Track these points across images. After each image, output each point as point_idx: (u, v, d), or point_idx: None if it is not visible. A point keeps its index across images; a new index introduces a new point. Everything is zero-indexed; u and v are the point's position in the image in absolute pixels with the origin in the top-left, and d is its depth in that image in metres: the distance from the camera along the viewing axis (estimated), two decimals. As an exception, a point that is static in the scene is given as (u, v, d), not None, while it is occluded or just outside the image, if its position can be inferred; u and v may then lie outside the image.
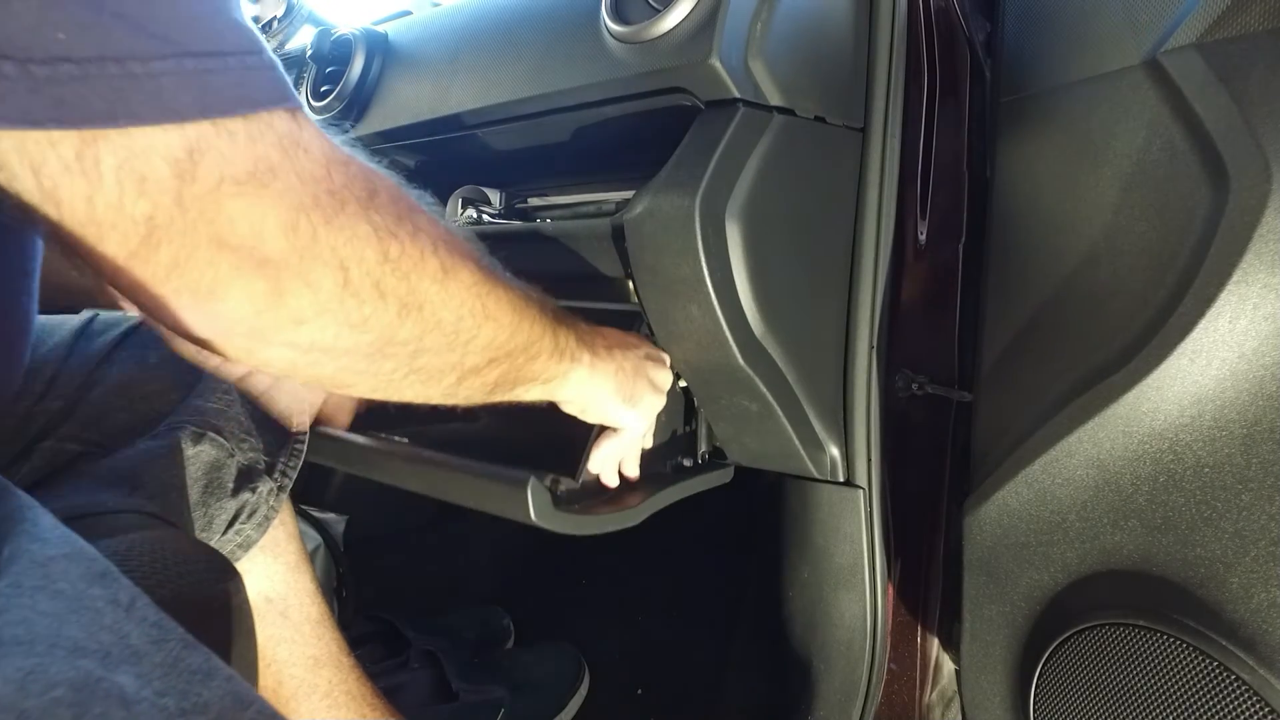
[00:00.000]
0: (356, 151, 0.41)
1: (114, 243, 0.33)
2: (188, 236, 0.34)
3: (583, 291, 0.86)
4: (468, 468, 0.68)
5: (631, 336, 0.69)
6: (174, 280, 0.35)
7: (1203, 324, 0.55)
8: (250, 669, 0.58)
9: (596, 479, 0.71)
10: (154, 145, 0.31)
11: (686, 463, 0.80)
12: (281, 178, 0.35)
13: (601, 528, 0.69)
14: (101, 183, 0.31)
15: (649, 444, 0.74)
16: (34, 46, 0.28)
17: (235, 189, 0.34)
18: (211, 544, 0.65)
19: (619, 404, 0.64)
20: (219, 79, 0.32)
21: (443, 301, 0.44)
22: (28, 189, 0.31)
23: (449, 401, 0.51)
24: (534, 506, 0.63)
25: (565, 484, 0.68)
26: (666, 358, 0.71)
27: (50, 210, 0.31)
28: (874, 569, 0.79)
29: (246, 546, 0.68)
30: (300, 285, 0.37)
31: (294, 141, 0.36)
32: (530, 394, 0.57)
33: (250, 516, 0.68)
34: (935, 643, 0.86)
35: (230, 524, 0.67)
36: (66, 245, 0.33)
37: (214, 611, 0.55)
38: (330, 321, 0.39)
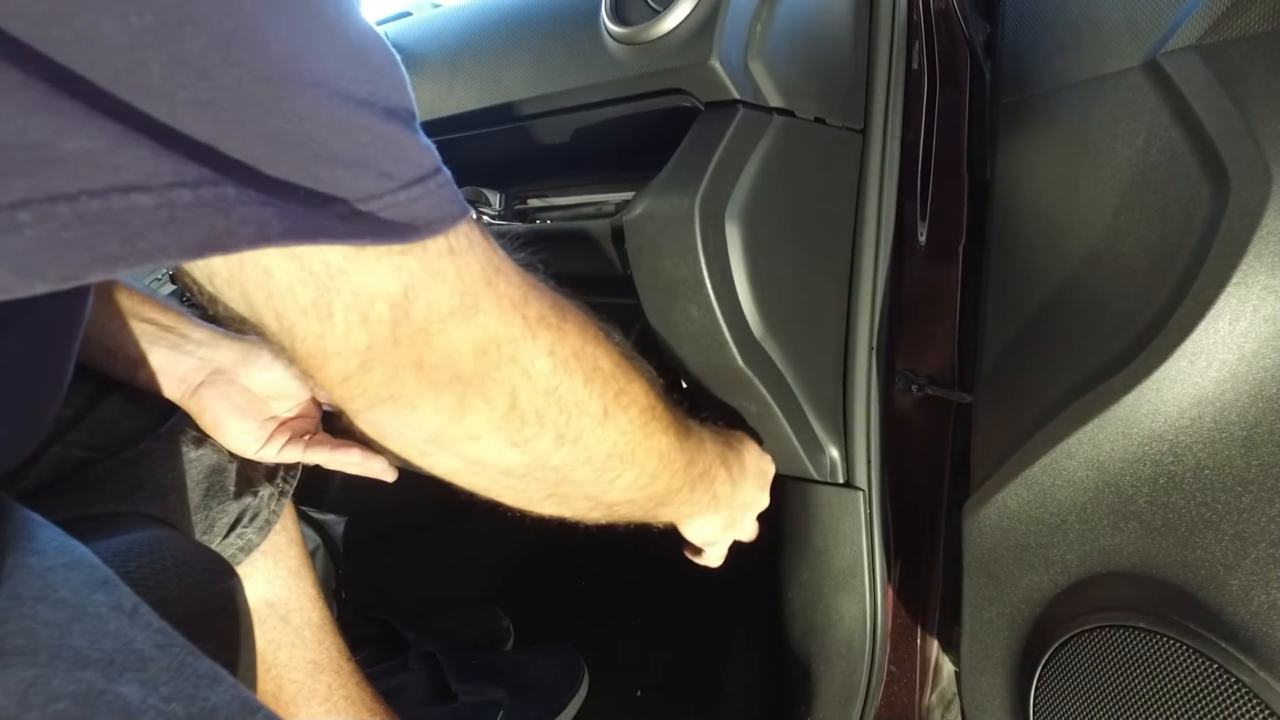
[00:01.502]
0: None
1: (335, 368, 0.37)
2: (396, 361, 0.38)
3: (584, 294, 0.86)
4: None
5: (752, 458, 0.71)
6: (379, 394, 0.39)
7: (1203, 326, 0.55)
8: (250, 671, 0.58)
9: None
10: (376, 290, 0.35)
11: None
12: (484, 310, 0.39)
13: None
14: (331, 322, 0.35)
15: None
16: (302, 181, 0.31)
17: (442, 323, 0.38)
18: (213, 547, 0.65)
19: (721, 538, 0.69)
20: (423, 204, 0.35)
21: (596, 440, 0.47)
22: (268, 326, 0.36)
23: (575, 520, 0.55)
24: None
25: None
26: (771, 472, 0.73)
27: (285, 341, 0.37)
28: (874, 570, 0.79)
29: (248, 550, 0.68)
30: (481, 403, 0.41)
31: (494, 268, 0.40)
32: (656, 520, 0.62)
33: (252, 520, 0.68)
34: (935, 644, 0.86)
35: (232, 527, 0.67)
36: (297, 365, 0.38)
37: (214, 613, 0.55)
38: (498, 439, 0.43)
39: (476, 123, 0.83)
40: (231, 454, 0.68)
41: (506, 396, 0.42)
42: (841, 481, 0.78)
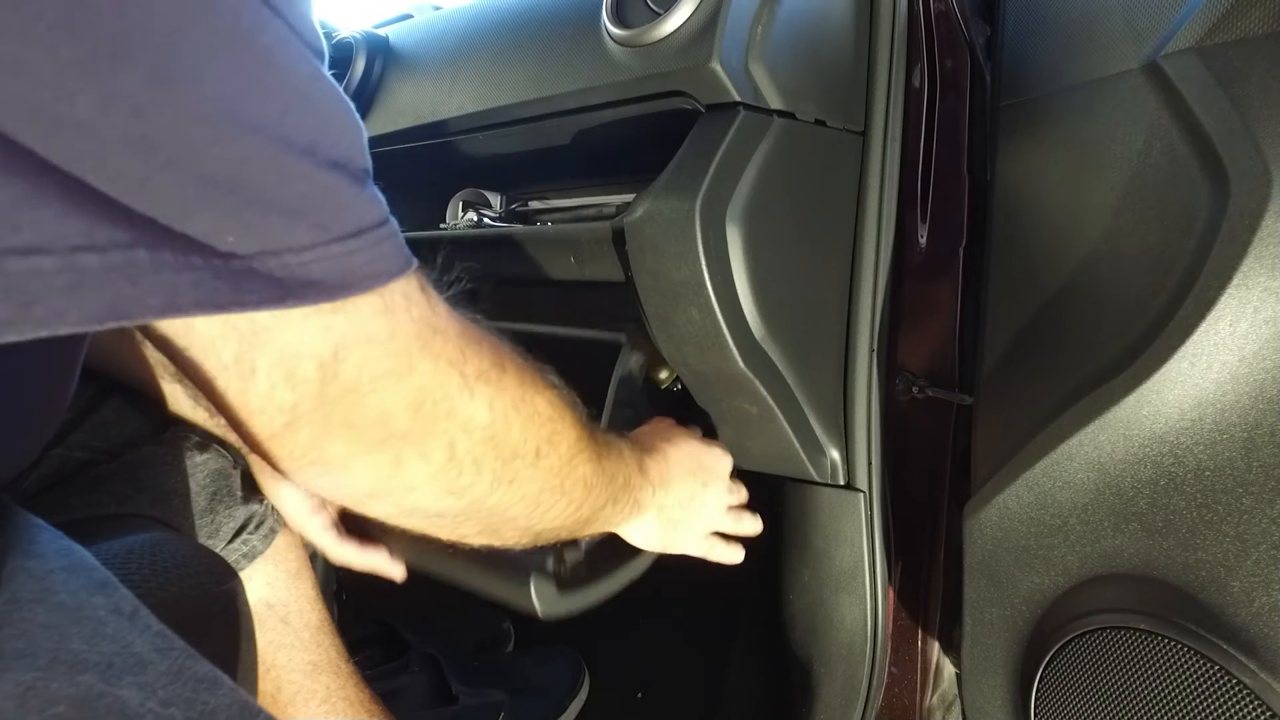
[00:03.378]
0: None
1: (259, 425, 0.36)
2: (324, 422, 0.37)
3: (584, 295, 0.86)
4: (474, 554, 0.69)
5: (680, 454, 0.70)
6: (308, 456, 0.38)
7: (1203, 327, 0.55)
8: (250, 672, 0.58)
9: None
10: (303, 349, 0.34)
11: None
12: (419, 370, 0.38)
13: (609, 592, 0.71)
14: (254, 378, 0.34)
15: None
16: (213, 241, 0.29)
17: (373, 384, 0.37)
18: (218, 552, 0.65)
19: (676, 538, 0.69)
20: (358, 258, 0.34)
21: (530, 479, 0.48)
22: (189, 376, 0.35)
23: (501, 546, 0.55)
24: (539, 601, 0.65)
25: (570, 555, 0.69)
26: (714, 461, 0.72)
27: (206, 392, 0.35)
28: (874, 572, 0.79)
29: (251, 557, 0.68)
30: (417, 457, 0.41)
31: (431, 328, 0.39)
32: (611, 524, 0.63)
33: (257, 527, 0.69)
34: (936, 646, 0.86)
35: (237, 533, 0.67)
36: (222, 414, 0.37)
37: (215, 614, 0.55)
38: (435, 489, 0.43)
39: (477, 125, 0.83)
40: (235, 459, 0.68)
41: (444, 450, 0.42)
42: (842, 483, 0.77)
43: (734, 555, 0.74)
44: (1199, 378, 0.56)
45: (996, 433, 0.70)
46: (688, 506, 0.68)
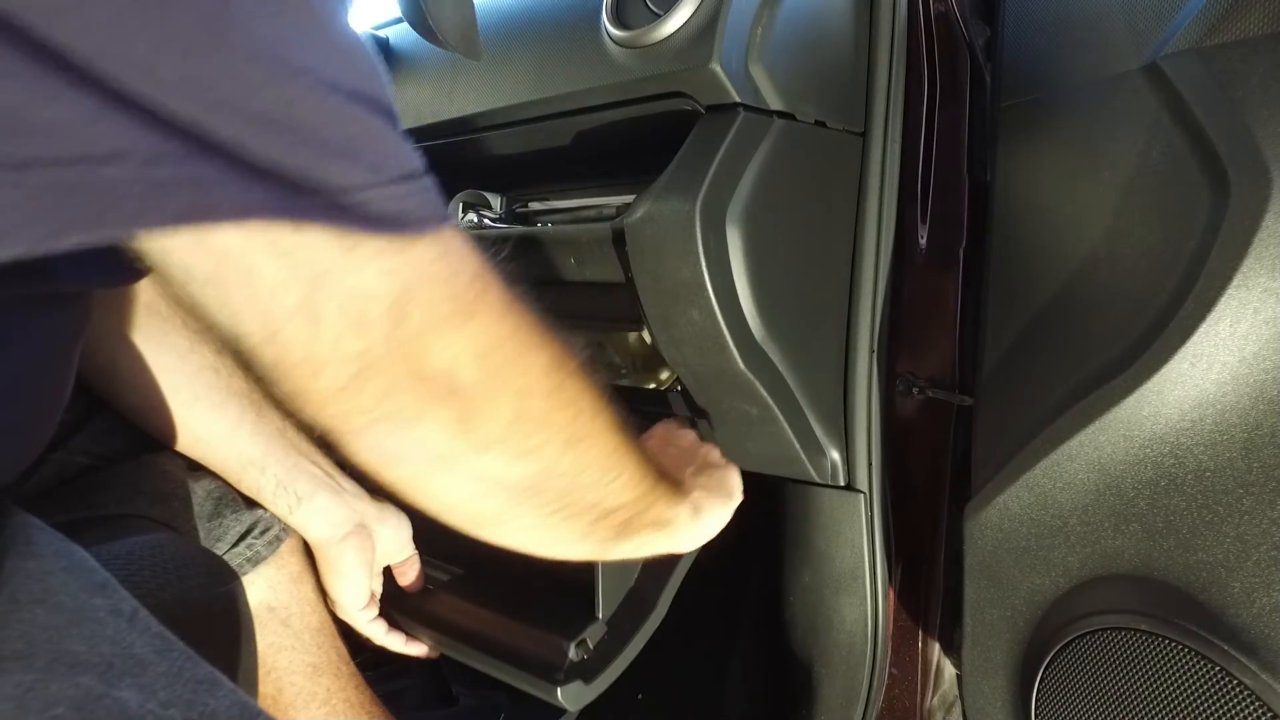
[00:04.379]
0: None
1: (327, 378, 0.35)
2: (393, 370, 0.36)
3: (584, 297, 0.86)
4: (504, 653, 0.72)
5: (664, 437, 0.70)
6: (377, 410, 0.37)
7: (1203, 328, 0.55)
8: (251, 673, 0.58)
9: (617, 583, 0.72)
10: (370, 291, 0.34)
11: None
12: (479, 314, 0.38)
13: (631, 657, 0.72)
14: (321, 326, 0.34)
15: None
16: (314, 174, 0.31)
17: (438, 328, 0.37)
18: (221, 555, 0.65)
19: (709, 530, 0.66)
20: (411, 201, 0.34)
21: (596, 438, 0.47)
22: (252, 332, 0.33)
23: (572, 551, 0.53)
24: (568, 703, 0.67)
25: (591, 633, 0.70)
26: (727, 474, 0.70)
27: (269, 352, 0.34)
28: (875, 573, 0.79)
29: (255, 562, 0.68)
30: (486, 412, 0.40)
31: (486, 275, 0.39)
32: (644, 545, 0.59)
33: (263, 533, 0.69)
34: (936, 647, 0.86)
35: (242, 537, 0.68)
36: (278, 382, 0.36)
37: (215, 615, 0.55)
38: (507, 449, 0.42)
39: (477, 126, 0.83)
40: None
41: (511, 403, 0.41)
42: (842, 484, 0.77)
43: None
44: (1199, 378, 0.56)
45: (997, 433, 0.70)
46: (704, 474, 0.68)
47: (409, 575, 0.81)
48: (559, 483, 0.46)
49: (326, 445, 0.72)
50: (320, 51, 0.30)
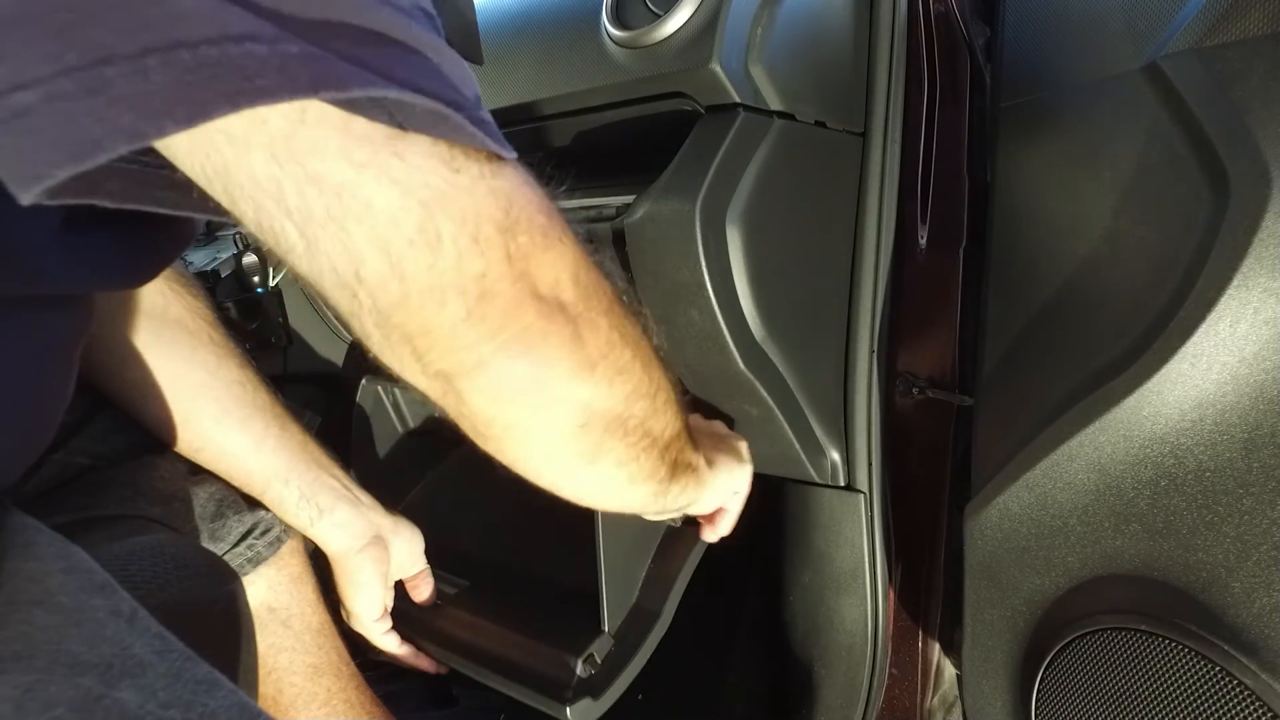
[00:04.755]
0: None
1: (453, 306, 0.35)
2: (513, 289, 0.37)
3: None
4: (512, 670, 0.72)
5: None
6: (504, 333, 0.37)
7: (1203, 328, 0.55)
8: (251, 673, 0.58)
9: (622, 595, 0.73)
10: (481, 211, 0.35)
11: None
12: (564, 239, 0.39)
13: (639, 666, 0.72)
14: (441, 249, 0.34)
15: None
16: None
17: (540, 248, 0.38)
18: (222, 556, 0.65)
19: (725, 486, 0.67)
20: (489, 128, 0.36)
21: (653, 359, 0.47)
22: (374, 270, 0.34)
23: (637, 496, 0.52)
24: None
25: (597, 647, 0.70)
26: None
27: (393, 289, 0.34)
28: (875, 573, 0.79)
29: (256, 562, 0.69)
30: (589, 329, 0.41)
31: (555, 208, 0.40)
32: (685, 490, 0.58)
33: (264, 534, 0.69)
34: (936, 647, 0.86)
35: (243, 537, 0.68)
36: (402, 322, 0.36)
37: (215, 615, 0.55)
38: (608, 366, 0.42)
39: (477, 126, 0.83)
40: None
41: (605, 320, 0.42)
42: (843, 484, 0.77)
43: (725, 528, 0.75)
44: (1199, 379, 0.56)
45: (997, 434, 0.70)
46: (717, 442, 0.68)
47: (422, 589, 0.81)
48: (643, 405, 0.46)
49: (341, 460, 0.74)
50: None
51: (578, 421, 0.43)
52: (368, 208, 0.33)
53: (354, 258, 0.34)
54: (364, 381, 0.95)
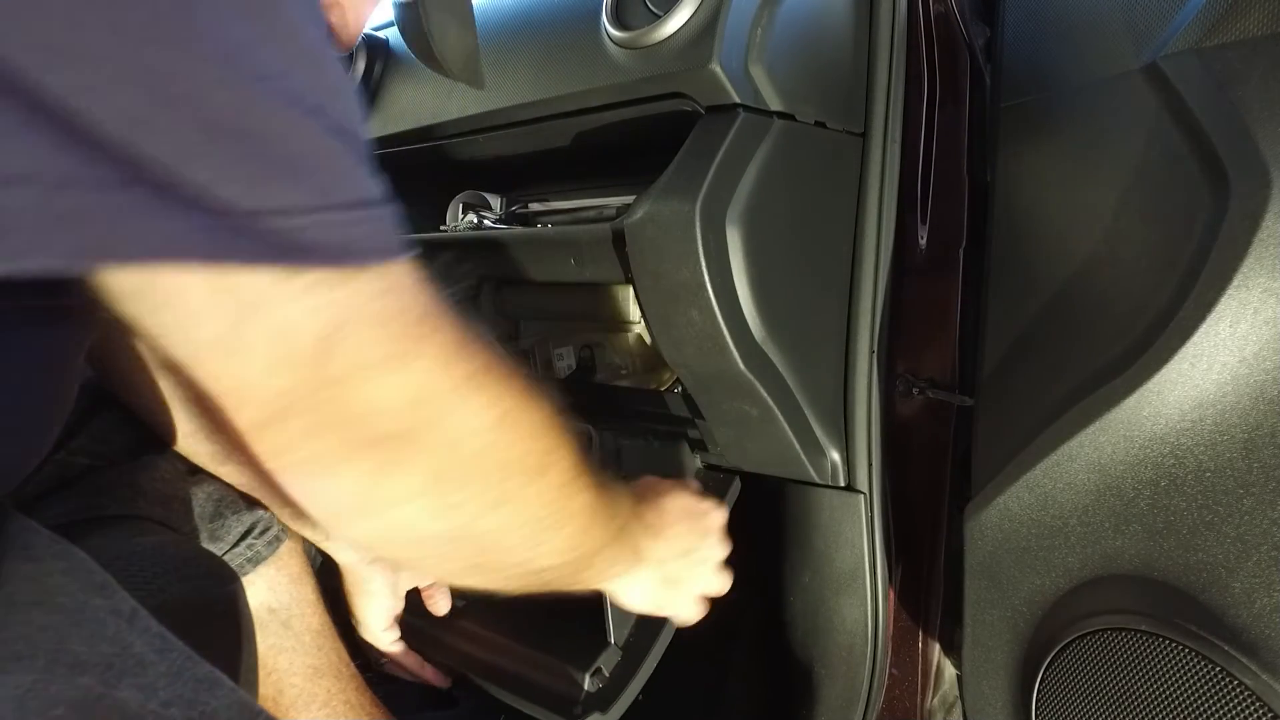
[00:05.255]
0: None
1: (248, 415, 0.33)
2: (316, 412, 0.34)
3: (585, 301, 0.86)
4: (520, 686, 0.72)
5: (677, 503, 0.66)
6: (296, 453, 0.35)
7: (1203, 328, 0.55)
8: (251, 674, 0.58)
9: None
10: (301, 325, 0.32)
11: None
12: (416, 362, 0.36)
13: (646, 676, 0.72)
14: (248, 357, 0.32)
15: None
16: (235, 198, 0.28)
17: (369, 372, 0.34)
18: (221, 556, 0.65)
19: (665, 602, 0.65)
20: (361, 230, 0.32)
21: (527, 500, 0.44)
22: (177, 355, 0.32)
23: (496, 590, 0.51)
24: None
25: (605, 659, 0.70)
26: (710, 513, 0.68)
27: (194, 377, 0.32)
28: (875, 574, 0.79)
29: (256, 562, 0.68)
30: (407, 465, 0.38)
31: (430, 321, 0.36)
32: (587, 585, 0.58)
33: (263, 533, 0.69)
34: (937, 648, 0.86)
35: (243, 537, 0.68)
36: (202, 407, 0.34)
37: (216, 616, 0.55)
38: (423, 504, 0.39)
39: (477, 127, 0.83)
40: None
41: (435, 458, 0.38)
42: (843, 485, 0.77)
43: (699, 613, 0.70)
44: (1199, 379, 0.56)
45: (997, 434, 0.70)
46: (686, 561, 0.65)
47: (439, 601, 0.81)
48: (478, 543, 0.44)
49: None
50: (285, 58, 0.29)
51: (382, 538, 0.41)
52: (176, 296, 0.31)
53: (160, 337, 0.32)
54: None
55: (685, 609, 0.68)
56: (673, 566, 0.64)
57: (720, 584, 0.69)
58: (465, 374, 0.39)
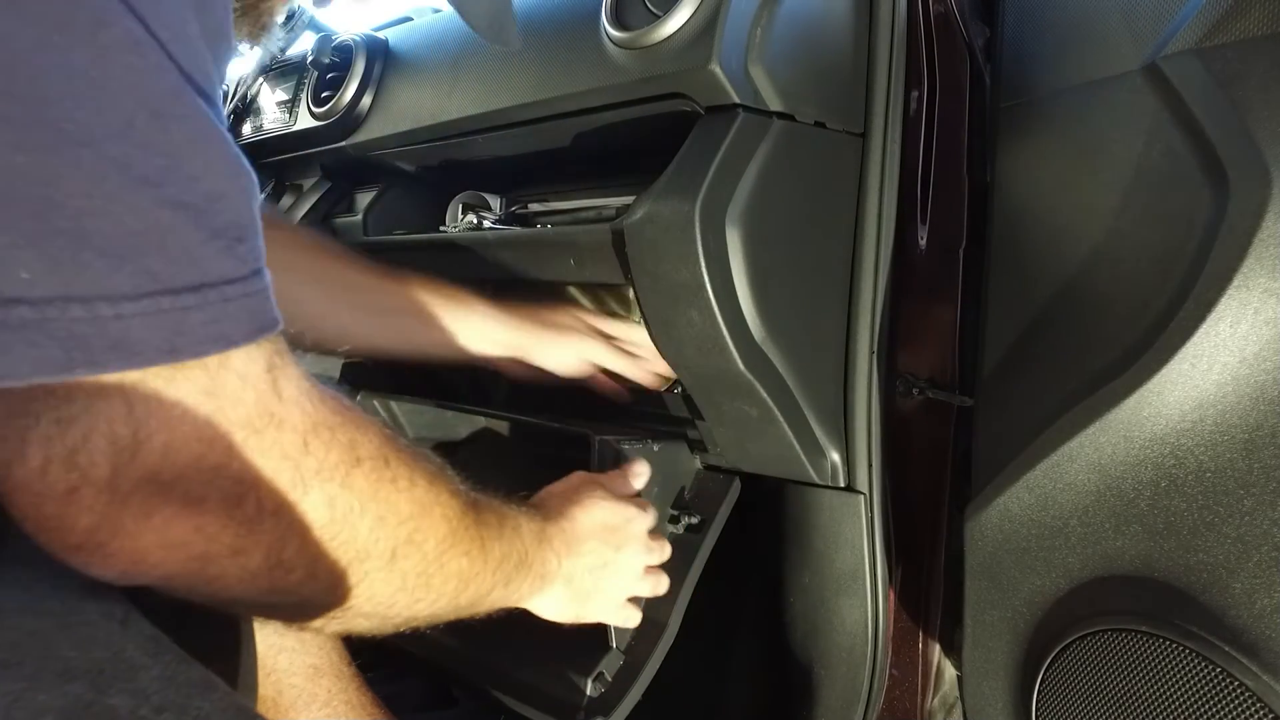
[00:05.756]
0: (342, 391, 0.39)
1: (24, 504, 0.30)
2: (111, 508, 0.31)
3: (584, 302, 0.86)
4: (523, 692, 0.72)
5: (589, 515, 0.65)
6: (90, 541, 0.32)
7: (1203, 328, 0.55)
8: (250, 676, 0.58)
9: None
10: (95, 424, 0.28)
11: (694, 520, 0.78)
12: (239, 462, 0.32)
13: (648, 680, 0.72)
14: (24, 452, 0.28)
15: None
16: None
17: (179, 473, 0.31)
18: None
19: (582, 613, 0.65)
20: (195, 317, 0.28)
21: (383, 580, 0.42)
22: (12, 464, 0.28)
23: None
24: None
25: (607, 664, 0.70)
26: (631, 520, 0.67)
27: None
28: (875, 574, 0.78)
29: None
30: (230, 556, 0.35)
31: (268, 416, 0.33)
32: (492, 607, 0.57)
33: None
34: (937, 648, 0.86)
35: None
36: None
37: (214, 616, 0.55)
38: (254, 588, 0.37)
39: (477, 127, 0.83)
40: None
41: (265, 550, 0.35)
42: (843, 485, 0.77)
43: (636, 619, 0.70)
44: (1199, 379, 0.56)
45: (997, 434, 0.70)
46: (599, 574, 0.64)
47: None
48: (329, 609, 0.42)
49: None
50: (115, 118, 0.25)
51: (217, 602, 0.39)
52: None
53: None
54: (359, 396, 0.95)
55: (608, 616, 0.68)
56: (583, 581, 0.63)
57: (650, 587, 0.69)
58: (310, 469, 0.36)
